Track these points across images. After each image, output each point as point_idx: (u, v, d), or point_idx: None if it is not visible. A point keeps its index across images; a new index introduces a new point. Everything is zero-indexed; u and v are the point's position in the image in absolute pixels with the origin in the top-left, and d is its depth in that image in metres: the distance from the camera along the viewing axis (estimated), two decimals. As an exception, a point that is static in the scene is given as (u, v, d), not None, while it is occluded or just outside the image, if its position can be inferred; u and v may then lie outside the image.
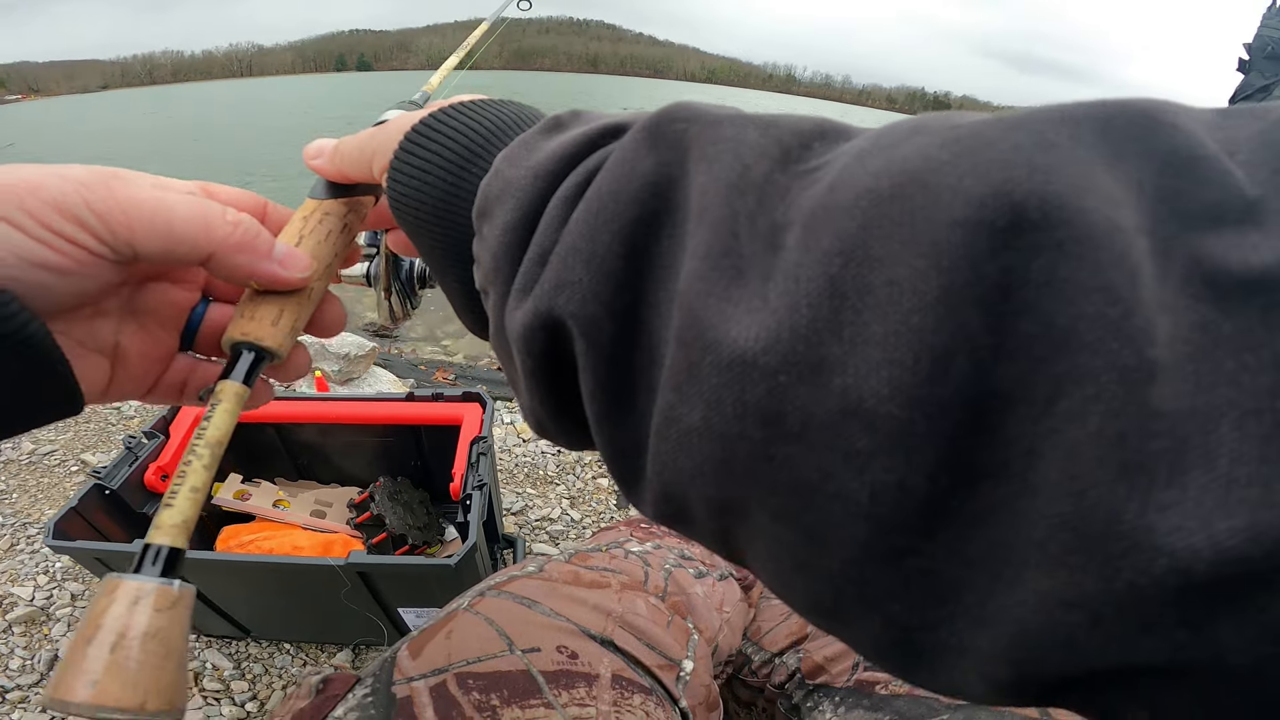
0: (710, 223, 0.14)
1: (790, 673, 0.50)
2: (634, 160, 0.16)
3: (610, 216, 0.16)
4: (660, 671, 0.44)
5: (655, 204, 0.16)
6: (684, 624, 0.49)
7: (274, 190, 3.54)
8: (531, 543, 1.31)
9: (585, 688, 0.40)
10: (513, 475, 1.54)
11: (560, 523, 1.38)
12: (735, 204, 0.14)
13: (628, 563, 0.53)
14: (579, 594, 0.47)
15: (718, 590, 0.56)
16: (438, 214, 0.22)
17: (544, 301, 0.16)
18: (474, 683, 0.38)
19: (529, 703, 0.38)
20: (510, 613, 0.44)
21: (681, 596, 0.51)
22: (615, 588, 0.48)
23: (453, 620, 0.44)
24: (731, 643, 0.54)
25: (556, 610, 0.45)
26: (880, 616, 0.13)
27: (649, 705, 0.41)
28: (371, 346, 2.06)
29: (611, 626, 0.45)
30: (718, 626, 0.52)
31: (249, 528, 1.09)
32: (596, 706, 0.39)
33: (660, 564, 0.54)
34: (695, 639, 0.48)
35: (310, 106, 21.64)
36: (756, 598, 0.61)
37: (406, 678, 0.40)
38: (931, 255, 0.11)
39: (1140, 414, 0.10)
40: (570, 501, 1.46)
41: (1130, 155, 0.11)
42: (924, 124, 0.13)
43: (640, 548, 0.57)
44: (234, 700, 0.99)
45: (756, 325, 0.13)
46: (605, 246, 0.16)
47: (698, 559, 0.59)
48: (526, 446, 1.66)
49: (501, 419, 1.80)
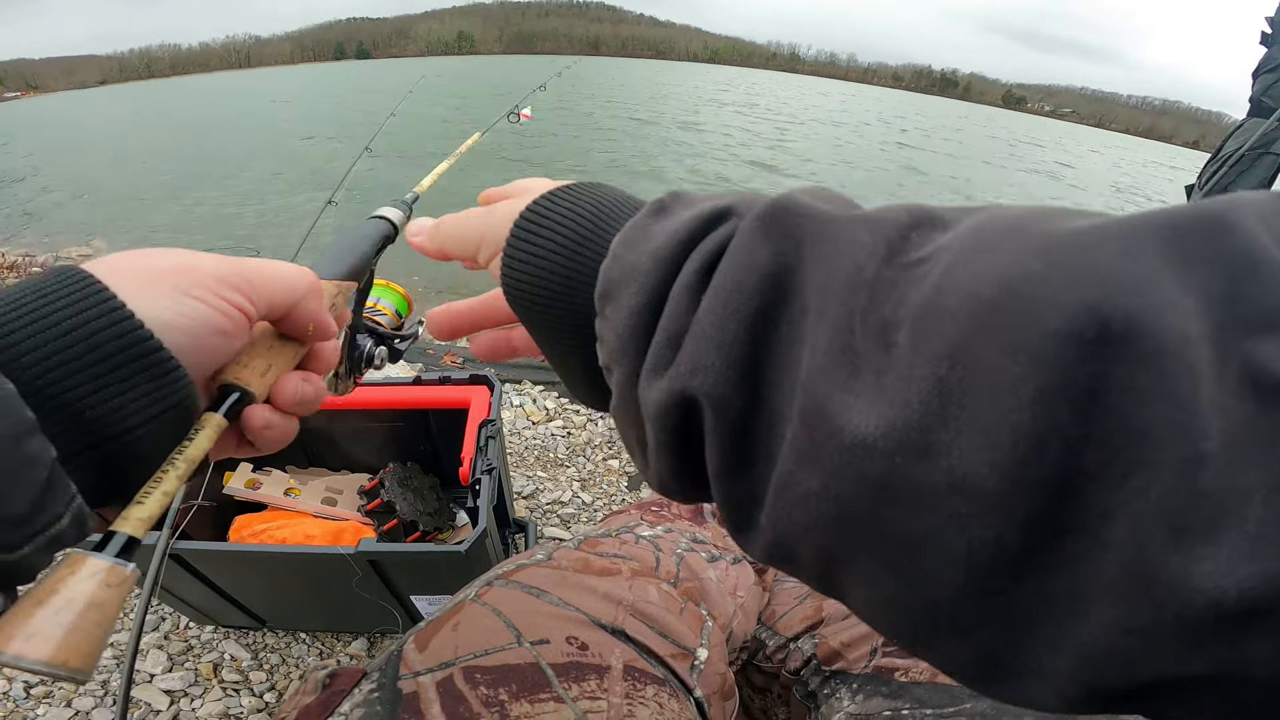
0: (830, 320, 0.17)
1: (806, 659, 0.49)
2: (752, 252, 0.18)
3: (736, 307, 0.18)
4: (674, 660, 0.42)
5: (774, 295, 0.18)
6: (697, 610, 0.47)
7: (279, 183, 3.47)
8: (543, 526, 1.31)
9: (596, 680, 0.38)
10: (523, 459, 1.53)
11: (572, 505, 1.38)
12: (850, 302, 0.16)
13: (639, 548, 0.52)
14: (589, 582, 0.45)
15: (731, 574, 0.54)
16: (556, 297, 0.24)
17: (679, 383, 0.19)
18: (481, 676, 0.37)
19: (538, 696, 0.37)
20: (518, 603, 0.42)
21: (694, 582, 0.50)
22: (626, 575, 0.47)
23: (460, 612, 0.42)
24: (746, 628, 0.52)
25: (566, 600, 0.43)
26: (970, 643, 0.15)
27: (662, 696, 0.40)
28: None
29: (623, 615, 0.43)
30: (732, 612, 0.50)
31: (261, 517, 1.09)
32: (608, 699, 0.38)
33: (672, 549, 0.53)
34: (709, 625, 0.47)
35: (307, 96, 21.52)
36: (770, 581, 0.60)
37: (413, 672, 0.38)
38: (1028, 362, 0.13)
39: (1190, 492, 0.12)
40: (581, 484, 1.45)
41: (1201, 262, 0.13)
42: (1019, 225, 0.15)
43: (651, 532, 0.56)
44: (253, 690, 1.00)
45: (875, 416, 0.15)
46: (733, 335, 0.18)
47: (710, 542, 0.58)
48: (536, 429, 1.65)
49: (510, 402, 1.79)
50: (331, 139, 9.71)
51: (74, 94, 49.57)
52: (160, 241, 4.63)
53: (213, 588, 0.92)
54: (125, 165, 7.97)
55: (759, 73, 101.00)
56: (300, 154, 8.52)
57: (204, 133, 11.44)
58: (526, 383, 1.91)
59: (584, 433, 1.65)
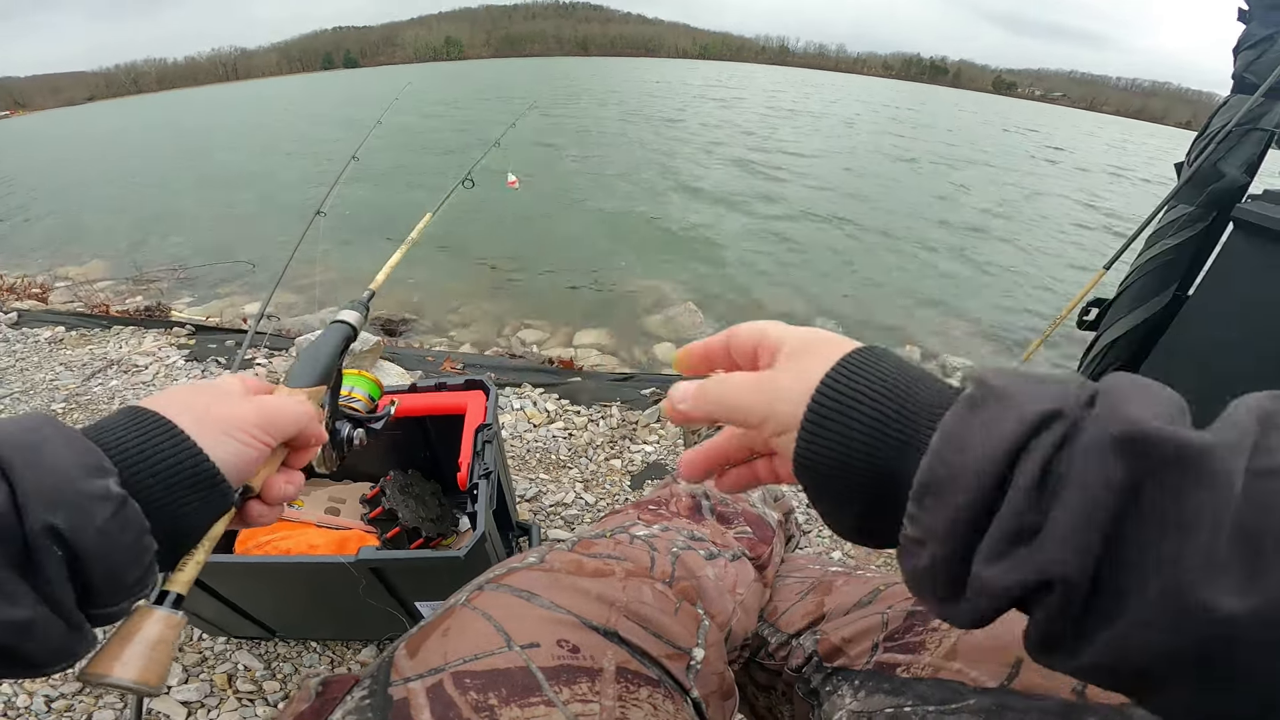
0: (1194, 526, 0.19)
1: (807, 655, 0.49)
2: (1107, 471, 0.21)
3: (1091, 515, 0.21)
4: (669, 661, 0.43)
5: (1129, 505, 0.20)
6: (693, 610, 0.48)
7: (263, 193, 3.45)
8: (547, 528, 1.32)
9: (588, 683, 0.39)
10: (525, 461, 1.54)
11: (575, 507, 1.38)
12: (1216, 513, 0.19)
13: (633, 548, 0.52)
14: (581, 584, 0.45)
15: (730, 571, 0.54)
16: (853, 473, 0.27)
17: (1030, 573, 0.21)
18: (471, 681, 0.37)
19: (529, 700, 0.37)
20: (509, 607, 0.43)
21: (691, 581, 0.50)
22: (620, 575, 0.47)
23: (450, 617, 0.43)
24: (746, 625, 0.53)
25: (557, 602, 0.43)
26: None
27: (657, 698, 0.40)
28: (376, 341, 2.06)
29: (615, 617, 0.43)
30: (730, 610, 0.51)
31: (266, 529, 1.10)
32: (600, 702, 0.38)
33: (668, 548, 0.53)
34: (706, 625, 0.47)
35: (290, 104, 21.41)
36: (772, 577, 0.60)
37: (403, 678, 0.39)
38: None
39: None
40: (584, 485, 1.46)
41: None
42: None
43: (647, 531, 0.56)
44: (267, 700, 1.01)
45: (1246, 603, 0.19)
46: (1088, 539, 0.21)
47: (709, 539, 0.58)
48: (538, 432, 1.66)
49: (511, 405, 1.79)
50: (317, 150, 9.68)
51: (62, 111, 49.38)
52: (150, 255, 4.63)
53: (222, 600, 0.93)
54: (112, 180, 7.96)
55: (750, 66, 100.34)
56: (287, 165, 8.50)
57: (192, 147, 11.41)
58: (527, 385, 1.92)
59: (585, 434, 1.66)
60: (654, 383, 1.97)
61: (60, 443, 0.29)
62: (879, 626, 0.46)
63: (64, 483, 0.28)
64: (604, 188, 6.88)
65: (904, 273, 4.76)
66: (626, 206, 6.05)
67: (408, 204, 5.55)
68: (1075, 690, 0.35)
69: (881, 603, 0.48)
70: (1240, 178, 1.08)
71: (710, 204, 6.33)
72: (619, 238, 5.12)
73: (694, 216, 5.78)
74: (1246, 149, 1.09)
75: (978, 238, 5.80)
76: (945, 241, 5.60)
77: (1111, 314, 1.25)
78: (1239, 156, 1.09)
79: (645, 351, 3.14)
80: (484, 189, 1.24)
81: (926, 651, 0.41)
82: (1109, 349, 1.24)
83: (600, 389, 1.91)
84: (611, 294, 3.92)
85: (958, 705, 0.37)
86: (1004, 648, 0.39)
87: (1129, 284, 1.23)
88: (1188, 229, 1.14)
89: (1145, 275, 1.20)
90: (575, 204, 6.16)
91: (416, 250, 0.82)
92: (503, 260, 4.43)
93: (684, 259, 4.62)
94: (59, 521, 0.27)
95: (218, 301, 3.74)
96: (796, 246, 5.17)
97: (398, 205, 5.65)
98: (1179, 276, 1.17)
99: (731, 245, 5.01)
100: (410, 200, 5.71)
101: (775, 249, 5.07)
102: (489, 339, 3.28)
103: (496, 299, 3.81)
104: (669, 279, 4.15)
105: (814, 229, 5.74)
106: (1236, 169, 1.09)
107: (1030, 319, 4.02)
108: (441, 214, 1.03)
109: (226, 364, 2.06)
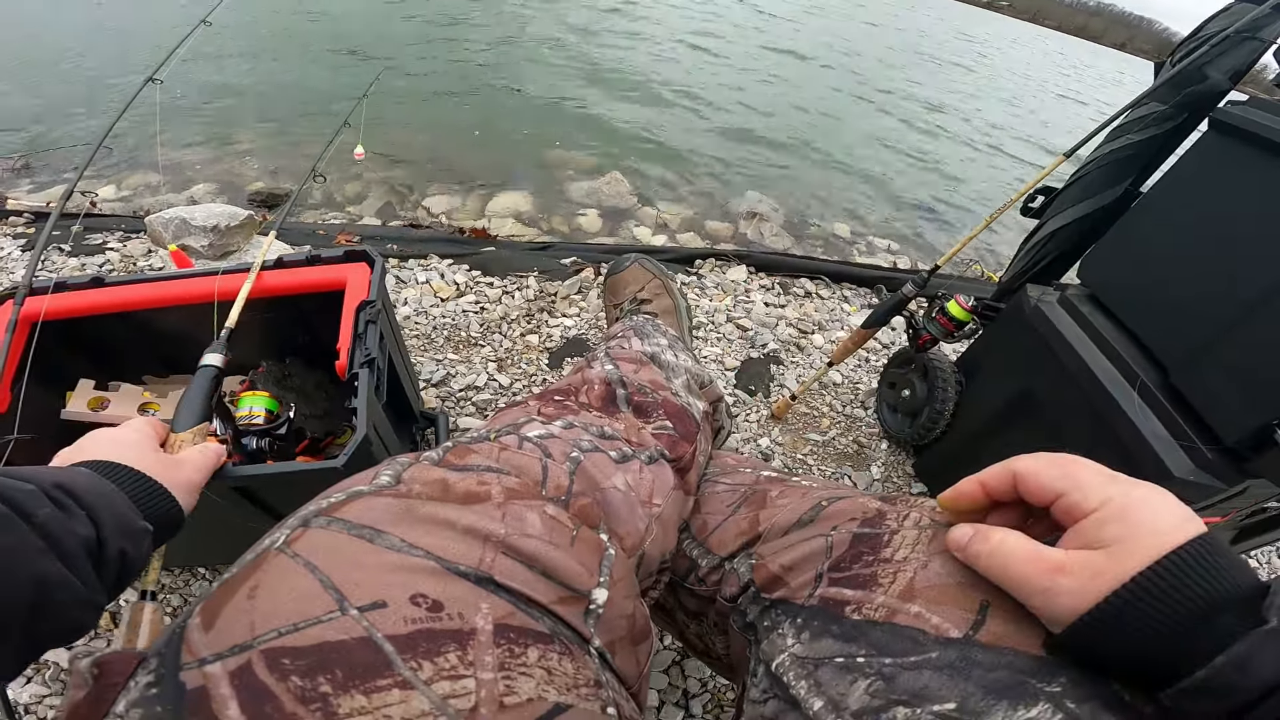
0: None
1: (743, 584, 0.41)
2: None
3: None
4: (561, 608, 0.33)
5: None
6: (594, 537, 0.38)
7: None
8: (457, 417, 1.19)
9: (456, 651, 0.28)
10: (431, 341, 1.38)
11: (487, 390, 1.26)
12: None
13: (521, 455, 0.41)
14: (445, 513, 0.34)
15: (646, 478, 0.44)
16: (1148, 653, 0.27)
17: None
18: (292, 662, 0.27)
19: (375, 684, 0.26)
20: (341, 552, 0.31)
21: (592, 496, 0.40)
22: (498, 498, 0.36)
23: (258, 570, 0.31)
24: (665, 544, 0.44)
25: (411, 541, 0.32)
26: None
27: (551, 658, 0.30)
28: (247, 215, 1.76)
29: (491, 556, 0.32)
30: (643, 529, 0.41)
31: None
32: (475, 675, 0.28)
33: (565, 452, 0.42)
34: (610, 554, 0.37)
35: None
36: (695, 482, 0.50)
37: (197, 659, 0.27)
38: None
39: None
40: (497, 365, 1.33)
41: None
42: None
43: (543, 430, 0.45)
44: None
45: None
46: None
47: (622, 436, 0.47)
48: (445, 307, 1.48)
49: (416, 279, 1.60)
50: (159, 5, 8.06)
51: None
52: None
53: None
54: None
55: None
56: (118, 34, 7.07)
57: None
58: (433, 257, 1.71)
59: (499, 307, 1.51)
60: (575, 252, 1.80)
61: (117, 493, 0.45)
62: (823, 552, 0.37)
63: (127, 523, 0.43)
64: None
65: (835, 143, 4.54)
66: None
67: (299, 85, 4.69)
68: (1047, 645, 0.30)
69: (824, 522, 0.39)
70: (1224, 83, 1.06)
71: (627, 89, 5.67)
72: (545, 120, 4.56)
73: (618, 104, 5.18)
74: (1239, 56, 1.08)
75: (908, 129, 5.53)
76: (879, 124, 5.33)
77: (1058, 204, 1.23)
78: (1227, 63, 1.07)
79: (567, 220, 2.91)
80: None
81: (880, 588, 0.33)
82: (1050, 239, 1.22)
83: (516, 259, 1.73)
84: (533, 162, 3.56)
85: (918, 659, 0.29)
86: (968, 587, 0.31)
87: (1081, 174, 1.20)
88: (1154, 127, 1.11)
89: (1101, 168, 1.17)
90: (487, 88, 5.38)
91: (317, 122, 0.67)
92: (415, 132, 3.89)
93: (612, 136, 4.20)
94: (128, 547, 0.43)
95: (61, 186, 3.18)
96: (727, 114, 4.79)
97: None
98: (1135, 172, 1.14)
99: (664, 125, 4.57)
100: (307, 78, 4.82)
101: (706, 117, 4.68)
102: (392, 212, 2.95)
103: (402, 167, 3.40)
104: (595, 152, 3.79)
105: (743, 111, 5.29)
106: (1222, 74, 1.07)
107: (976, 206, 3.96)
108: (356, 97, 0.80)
109: (72, 250, 1.73)
